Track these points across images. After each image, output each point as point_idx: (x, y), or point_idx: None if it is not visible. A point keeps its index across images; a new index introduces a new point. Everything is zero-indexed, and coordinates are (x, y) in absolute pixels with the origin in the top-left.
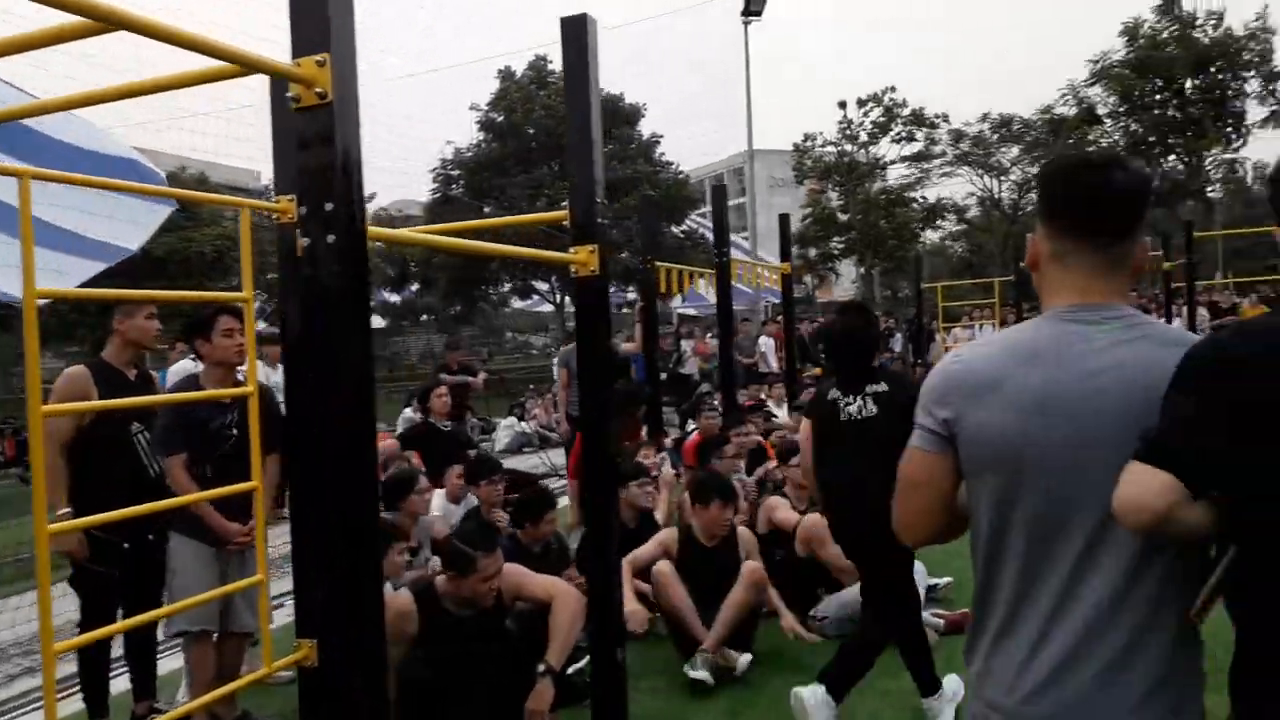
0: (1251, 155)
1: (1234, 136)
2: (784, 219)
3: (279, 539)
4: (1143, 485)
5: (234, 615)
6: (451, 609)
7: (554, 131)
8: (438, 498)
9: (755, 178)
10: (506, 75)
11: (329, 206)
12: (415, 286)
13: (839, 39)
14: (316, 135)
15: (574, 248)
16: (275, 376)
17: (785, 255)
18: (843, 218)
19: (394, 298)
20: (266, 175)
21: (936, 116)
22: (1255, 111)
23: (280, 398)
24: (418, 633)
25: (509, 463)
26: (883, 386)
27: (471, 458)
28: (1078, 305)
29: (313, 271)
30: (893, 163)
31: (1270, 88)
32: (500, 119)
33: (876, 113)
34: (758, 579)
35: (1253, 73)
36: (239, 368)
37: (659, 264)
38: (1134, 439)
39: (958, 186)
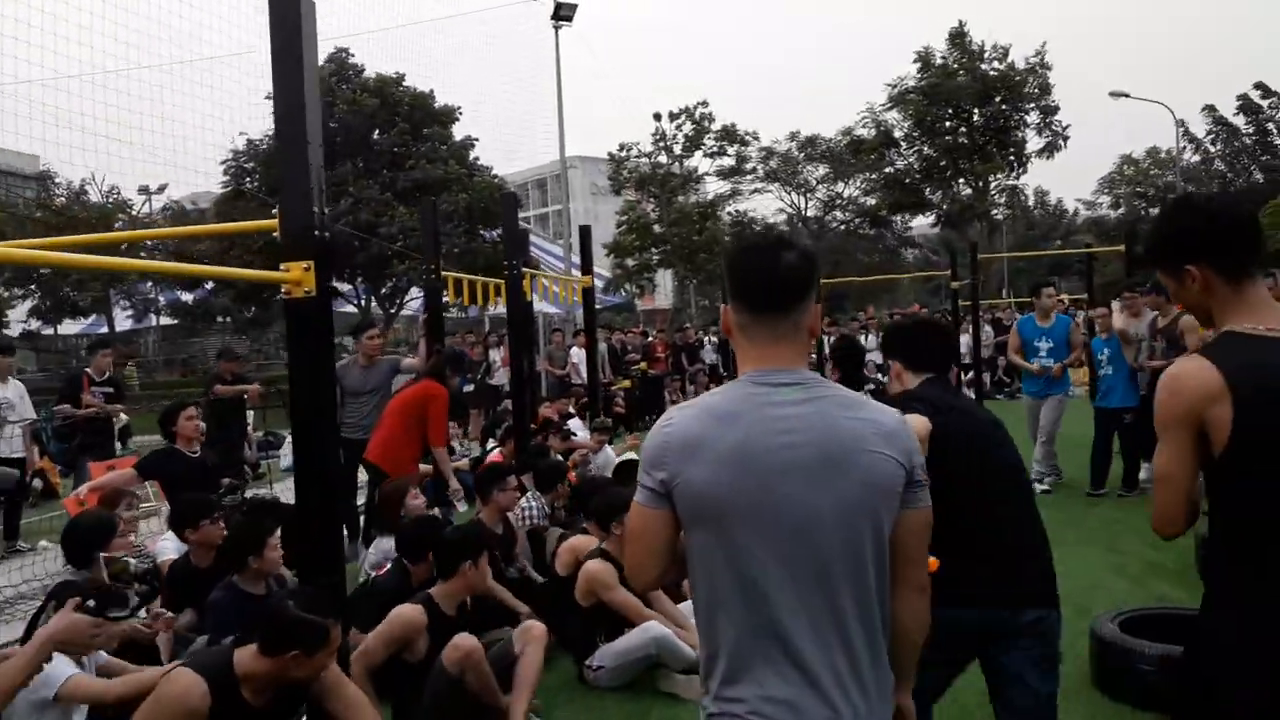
0: (1031, 182)
1: (1016, 164)
2: (585, 231)
3: None
4: None
5: None
6: (250, 699)
7: (358, 128)
8: (173, 540)
9: (580, 184)
10: None
11: None
12: (210, 285)
13: (676, 51)
14: None
15: (285, 264)
16: (6, 392)
17: (586, 269)
18: (659, 229)
19: (186, 296)
20: (45, 159)
21: (747, 134)
22: (1034, 142)
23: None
24: None
25: (289, 484)
26: None
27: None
28: (763, 370)
29: None
30: (706, 174)
31: (1047, 120)
32: None
33: (688, 126)
34: (542, 636)
35: (1032, 105)
36: None
37: (447, 273)
38: (824, 490)
39: (769, 202)
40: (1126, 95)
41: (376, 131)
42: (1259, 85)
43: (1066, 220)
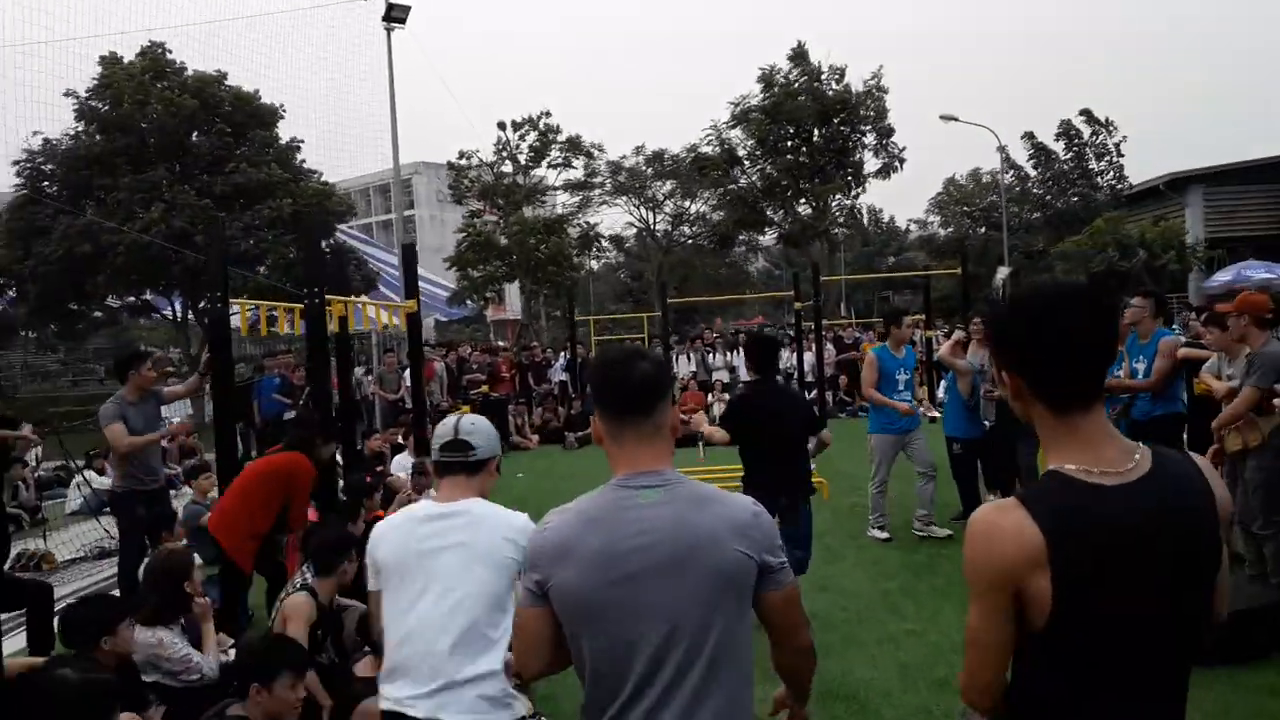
0: (865, 201)
1: (853, 185)
2: (409, 250)
3: None
4: None
5: None
6: None
7: (174, 130)
8: None
9: (426, 191)
10: (112, 61)
11: None
12: (13, 294)
13: (525, 64)
14: None
15: None
16: None
17: (411, 291)
18: (504, 242)
19: None
20: None
21: (593, 146)
22: (871, 163)
23: None
24: None
25: (80, 529)
26: None
27: None
28: (629, 474)
29: None
30: (553, 188)
31: (884, 142)
32: (105, 108)
33: (532, 136)
34: None
35: (869, 127)
36: None
37: (241, 300)
38: (677, 585)
39: (618, 216)
40: (956, 119)
41: (195, 134)
42: (1084, 112)
43: (899, 238)
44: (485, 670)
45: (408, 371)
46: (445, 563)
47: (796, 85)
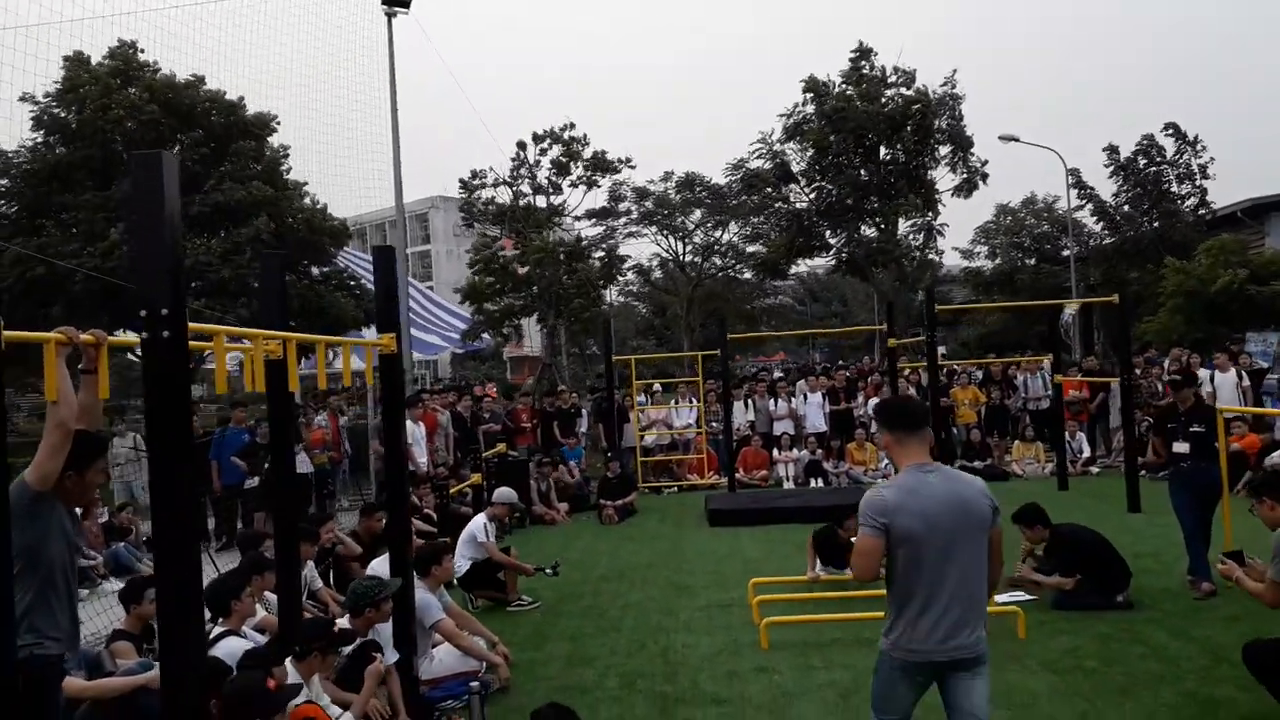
0: (947, 223)
1: (924, 204)
2: (383, 253)
3: None
4: None
5: None
6: None
7: (142, 139)
8: None
9: (444, 224)
10: (78, 62)
11: None
12: None
13: (566, 85)
14: None
15: None
16: None
17: (386, 322)
18: (522, 270)
19: None
20: None
21: (620, 161)
22: (946, 179)
23: None
24: None
25: None
26: None
27: None
28: (918, 465)
29: None
30: (575, 216)
31: (962, 155)
32: (69, 116)
33: (556, 151)
34: None
35: (943, 138)
36: None
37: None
38: (958, 523)
39: (643, 247)
40: (1016, 139)
41: (175, 146)
42: (1169, 126)
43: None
44: None
45: (408, 425)
46: None
47: (853, 93)
